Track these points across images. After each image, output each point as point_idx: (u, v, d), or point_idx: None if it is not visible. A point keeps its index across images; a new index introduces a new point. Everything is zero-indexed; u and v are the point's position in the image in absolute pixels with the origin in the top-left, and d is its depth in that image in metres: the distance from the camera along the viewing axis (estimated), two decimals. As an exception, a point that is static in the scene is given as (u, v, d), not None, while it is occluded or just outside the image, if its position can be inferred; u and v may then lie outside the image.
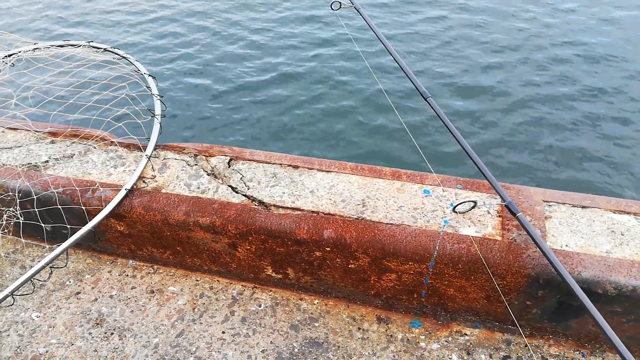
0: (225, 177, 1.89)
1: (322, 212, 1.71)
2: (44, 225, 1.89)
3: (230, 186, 1.84)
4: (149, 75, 2.26)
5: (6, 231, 1.92)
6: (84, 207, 1.82)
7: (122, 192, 1.80)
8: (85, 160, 2.01)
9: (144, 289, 1.93)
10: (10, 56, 2.37)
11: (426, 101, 1.76)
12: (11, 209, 1.87)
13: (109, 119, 2.06)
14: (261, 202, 1.77)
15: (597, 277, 1.47)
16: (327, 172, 1.88)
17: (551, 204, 1.69)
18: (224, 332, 1.77)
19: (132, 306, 1.87)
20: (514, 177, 4.38)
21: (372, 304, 1.84)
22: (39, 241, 2.01)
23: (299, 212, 1.72)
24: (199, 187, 1.84)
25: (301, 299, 1.88)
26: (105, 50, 2.41)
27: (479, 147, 4.72)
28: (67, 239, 1.70)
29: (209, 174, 1.90)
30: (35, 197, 1.86)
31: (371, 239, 1.63)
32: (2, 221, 1.89)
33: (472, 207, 1.65)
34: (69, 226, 1.82)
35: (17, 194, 1.87)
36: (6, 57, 2.36)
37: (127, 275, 1.99)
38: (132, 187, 1.84)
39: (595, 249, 1.54)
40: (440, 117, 1.69)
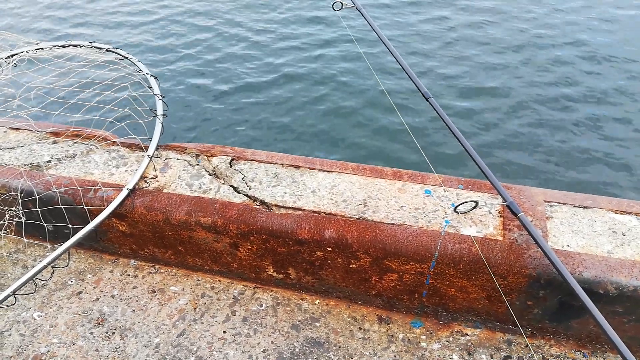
0: (226, 177, 1.89)
1: (324, 212, 1.71)
2: (46, 225, 1.89)
3: (231, 186, 1.85)
4: (151, 75, 2.26)
5: (8, 231, 1.93)
6: (85, 207, 1.82)
7: (124, 192, 1.81)
8: (87, 160, 2.01)
9: (145, 289, 1.94)
10: (12, 56, 2.38)
11: (428, 102, 1.77)
12: (13, 209, 1.88)
13: (111, 119, 2.06)
14: (263, 202, 1.77)
15: (599, 277, 1.47)
16: (329, 172, 1.88)
17: (552, 204, 1.69)
18: (225, 332, 1.77)
19: (133, 306, 1.87)
20: (515, 177, 4.38)
21: (373, 304, 1.84)
22: (40, 241, 2.02)
23: (300, 212, 1.72)
24: (200, 187, 1.85)
25: (302, 299, 1.88)
26: (107, 50, 2.42)
27: (481, 147, 4.71)
28: (69, 238, 1.71)
29: (210, 174, 1.91)
30: (37, 196, 1.87)
31: (372, 239, 1.63)
32: (4, 221, 1.90)
33: (474, 207, 1.65)
34: (70, 226, 1.82)
35: (19, 194, 1.88)
36: (9, 57, 2.37)
37: (129, 275, 2.00)
38: (134, 187, 1.84)
39: (596, 249, 1.54)
40: (441, 117, 1.69)
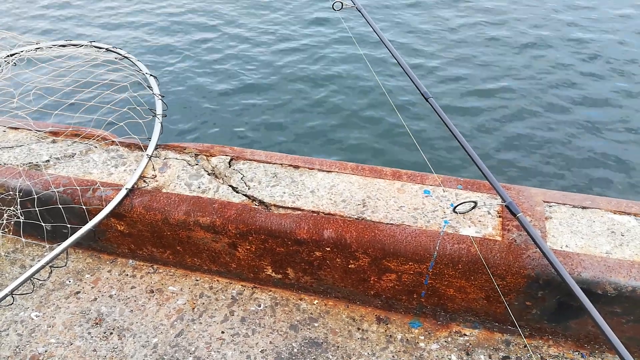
0: (225, 176, 1.89)
1: (323, 212, 1.71)
2: (44, 224, 1.89)
3: (230, 186, 1.84)
4: (151, 75, 2.26)
5: (6, 230, 1.92)
6: (84, 207, 1.82)
7: (123, 192, 1.81)
8: (86, 159, 2.01)
9: (143, 289, 1.93)
10: (12, 56, 2.38)
11: (427, 102, 1.77)
12: (12, 208, 1.88)
13: (110, 119, 2.06)
14: (261, 202, 1.77)
15: (597, 277, 1.47)
16: (328, 172, 1.88)
17: (551, 204, 1.69)
18: (223, 332, 1.77)
19: (131, 306, 1.87)
20: (514, 178, 4.38)
21: (371, 304, 1.84)
22: (39, 240, 2.01)
23: (299, 212, 1.72)
24: (199, 187, 1.85)
25: (301, 299, 1.88)
26: (107, 50, 2.42)
27: (480, 147, 4.71)
28: (67, 238, 1.70)
29: (209, 174, 1.91)
30: (35, 196, 1.86)
31: (371, 239, 1.63)
32: (2, 220, 1.89)
33: (473, 208, 1.65)
34: (69, 225, 1.82)
35: (17, 193, 1.87)
36: (8, 56, 2.37)
37: (127, 274, 2.00)
38: (133, 186, 1.84)
39: (595, 249, 1.54)
40: (441, 117, 1.69)
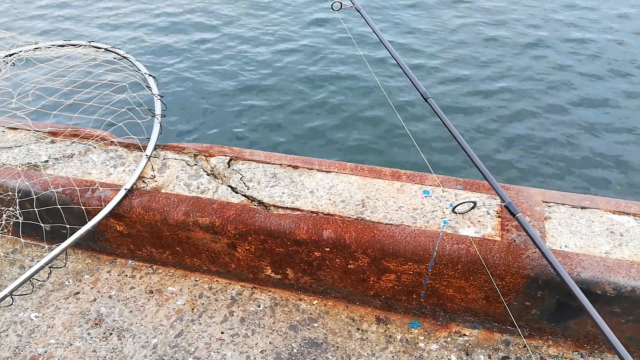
0: (225, 177, 1.89)
1: (322, 213, 1.71)
2: (43, 225, 1.89)
3: (230, 186, 1.84)
4: (150, 75, 2.26)
5: (5, 231, 1.92)
6: (83, 207, 1.82)
7: (122, 192, 1.80)
8: (85, 160, 2.01)
9: (143, 289, 1.93)
10: (10, 56, 2.37)
11: (426, 102, 1.77)
12: (11, 209, 1.87)
13: (109, 119, 2.06)
14: (261, 202, 1.77)
15: (596, 277, 1.47)
16: (327, 172, 1.88)
17: (551, 204, 1.69)
18: (222, 333, 1.77)
19: (131, 306, 1.87)
20: (513, 178, 4.38)
21: (371, 304, 1.84)
22: (38, 241, 2.01)
23: (298, 213, 1.72)
24: (198, 187, 1.84)
25: (300, 300, 1.88)
26: (105, 50, 2.42)
27: (479, 147, 4.72)
28: (67, 238, 1.70)
29: (208, 174, 1.90)
30: (34, 196, 1.86)
31: (370, 239, 1.63)
32: (1, 221, 1.89)
33: (472, 208, 1.65)
34: (68, 226, 1.82)
35: (16, 194, 1.87)
36: (7, 56, 2.37)
37: (126, 275, 1.99)
38: (132, 187, 1.84)
39: (594, 249, 1.54)
40: (440, 117, 1.69)
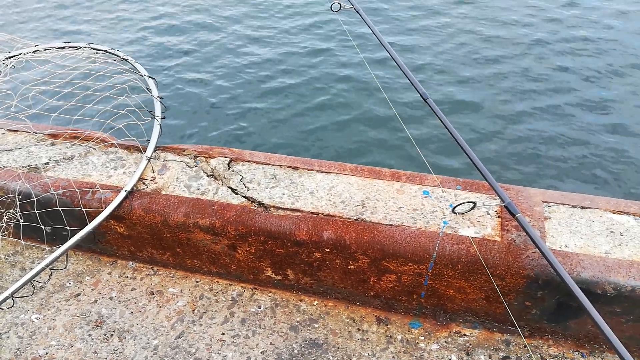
0: (225, 178, 1.89)
1: (322, 213, 1.71)
2: (44, 227, 1.89)
3: (230, 187, 1.84)
4: (149, 77, 2.26)
5: (6, 233, 1.92)
6: (84, 209, 1.82)
7: (122, 194, 1.81)
8: (85, 162, 2.01)
9: (143, 291, 1.93)
10: (10, 58, 2.38)
11: (425, 102, 1.77)
12: (11, 211, 1.87)
13: (109, 121, 2.06)
14: (261, 204, 1.77)
15: (596, 277, 1.47)
16: (327, 173, 1.88)
17: (550, 204, 1.69)
18: (223, 334, 1.77)
19: (131, 308, 1.87)
20: (513, 178, 4.38)
21: (371, 305, 1.84)
22: (38, 243, 2.01)
23: (298, 214, 1.72)
24: (198, 189, 1.85)
25: (301, 300, 1.88)
26: (105, 52, 2.42)
27: (479, 148, 4.72)
28: (67, 240, 1.70)
29: (208, 176, 1.91)
30: (35, 199, 1.86)
31: (371, 240, 1.63)
32: (2, 223, 1.89)
33: (472, 208, 1.65)
34: (69, 228, 1.82)
35: (17, 196, 1.87)
36: (7, 59, 2.37)
37: (127, 276, 2.00)
38: (132, 188, 1.84)
39: (594, 249, 1.54)
40: (439, 118, 1.69)
